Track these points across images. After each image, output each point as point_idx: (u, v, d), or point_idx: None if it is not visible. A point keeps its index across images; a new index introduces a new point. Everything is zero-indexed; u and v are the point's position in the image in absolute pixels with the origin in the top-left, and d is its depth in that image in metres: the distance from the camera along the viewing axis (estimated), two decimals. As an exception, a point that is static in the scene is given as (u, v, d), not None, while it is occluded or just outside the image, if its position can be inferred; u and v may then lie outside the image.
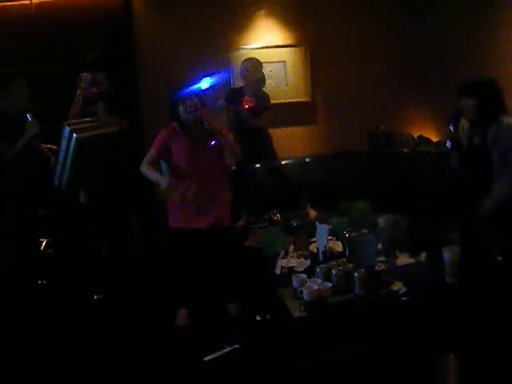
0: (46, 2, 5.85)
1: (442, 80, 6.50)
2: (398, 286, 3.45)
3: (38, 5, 5.82)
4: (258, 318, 4.01)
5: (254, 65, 5.56)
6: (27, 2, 5.78)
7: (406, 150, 6.44)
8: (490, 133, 3.77)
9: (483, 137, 3.83)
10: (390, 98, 6.71)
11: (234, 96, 5.57)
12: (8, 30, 5.78)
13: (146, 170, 4.27)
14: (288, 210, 5.50)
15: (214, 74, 5.30)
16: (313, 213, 5.60)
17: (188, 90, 4.31)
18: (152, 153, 4.33)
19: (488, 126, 3.78)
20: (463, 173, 4.12)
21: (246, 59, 5.68)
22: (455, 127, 4.02)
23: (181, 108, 4.26)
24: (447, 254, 3.51)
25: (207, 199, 4.31)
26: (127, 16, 6.12)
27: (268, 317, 3.84)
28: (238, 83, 5.92)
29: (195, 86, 4.62)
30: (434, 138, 6.62)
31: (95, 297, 4.82)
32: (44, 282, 4.81)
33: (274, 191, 5.75)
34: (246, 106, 5.35)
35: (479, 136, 3.88)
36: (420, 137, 6.56)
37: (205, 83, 5.05)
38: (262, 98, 5.54)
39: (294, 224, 5.04)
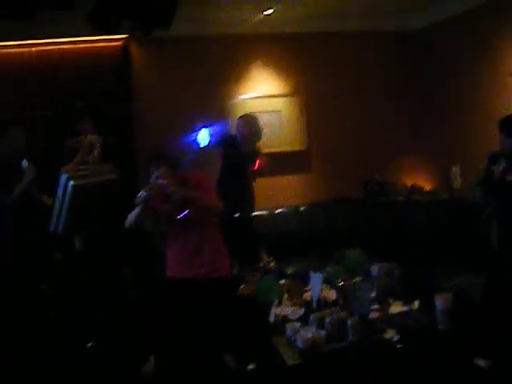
0: (46, 50, 5.97)
1: (437, 131, 6.64)
2: (391, 334, 3.46)
3: (38, 52, 5.94)
4: (250, 366, 3.99)
5: (249, 121, 5.59)
6: (27, 49, 5.90)
7: (400, 199, 6.50)
8: None
9: None
10: (384, 147, 6.83)
11: (228, 140, 5.59)
12: (8, 77, 5.87)
13: (128, 217, 4.06)
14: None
15: (211, 125, 5.35)
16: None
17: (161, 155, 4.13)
18: None
19: None
20: (490, 204, 4.12)
21: (240, 116, 5.73)
22: (491, 164, 4.03)
23: (152, 176, 4.05)
24: (439, 302, 3.53)
25: (198, 252, 4.22)
26: (125, 66, 6.24)
27: (260, 365, 3.82)
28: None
29: (192, 138, 4.63)
30: (427, 187, 6.70)
31: (88, 345, 4.79)
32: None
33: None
34: (256, 168, 5.44)
35: None
36: (413, 186, 6.63)
37: (202, 135, 5.13)
38: (254, 153, 5.61)
39: (289, 272, 5.07)
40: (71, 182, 4.31)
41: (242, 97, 6.52)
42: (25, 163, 4.64)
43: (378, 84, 6.90)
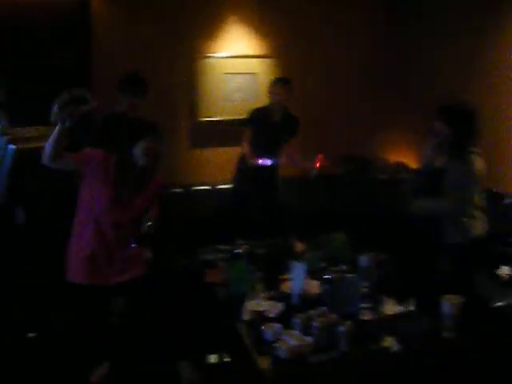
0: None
1: (423, 103, 6.10)
2: (390, 343, 2.92)
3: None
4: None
5: (283, 86, 5.06)
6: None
7: (383, 177, 5.91)
8: (459, 169, 3.57)
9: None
10: (367, 118, 6.29)
11: (257, 115, 5.20)
12: None
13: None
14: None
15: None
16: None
17: None
18: None
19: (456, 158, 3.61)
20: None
21: (275, 79, 5.18)
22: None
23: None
24: (447, 305, 3.02)
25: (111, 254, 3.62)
26: (84, 18, 5.45)
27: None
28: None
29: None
30: (413, 165, 6.18)
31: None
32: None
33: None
34: (318, 165, 5.04)
35: (444, 162, 3.69)
36: (398, 163, 6.06)
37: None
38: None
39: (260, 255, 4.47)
40: (11, 146, 3.69)
41: (214, 55, 5.87)
42: None
43: (364, 45, 6.32)
